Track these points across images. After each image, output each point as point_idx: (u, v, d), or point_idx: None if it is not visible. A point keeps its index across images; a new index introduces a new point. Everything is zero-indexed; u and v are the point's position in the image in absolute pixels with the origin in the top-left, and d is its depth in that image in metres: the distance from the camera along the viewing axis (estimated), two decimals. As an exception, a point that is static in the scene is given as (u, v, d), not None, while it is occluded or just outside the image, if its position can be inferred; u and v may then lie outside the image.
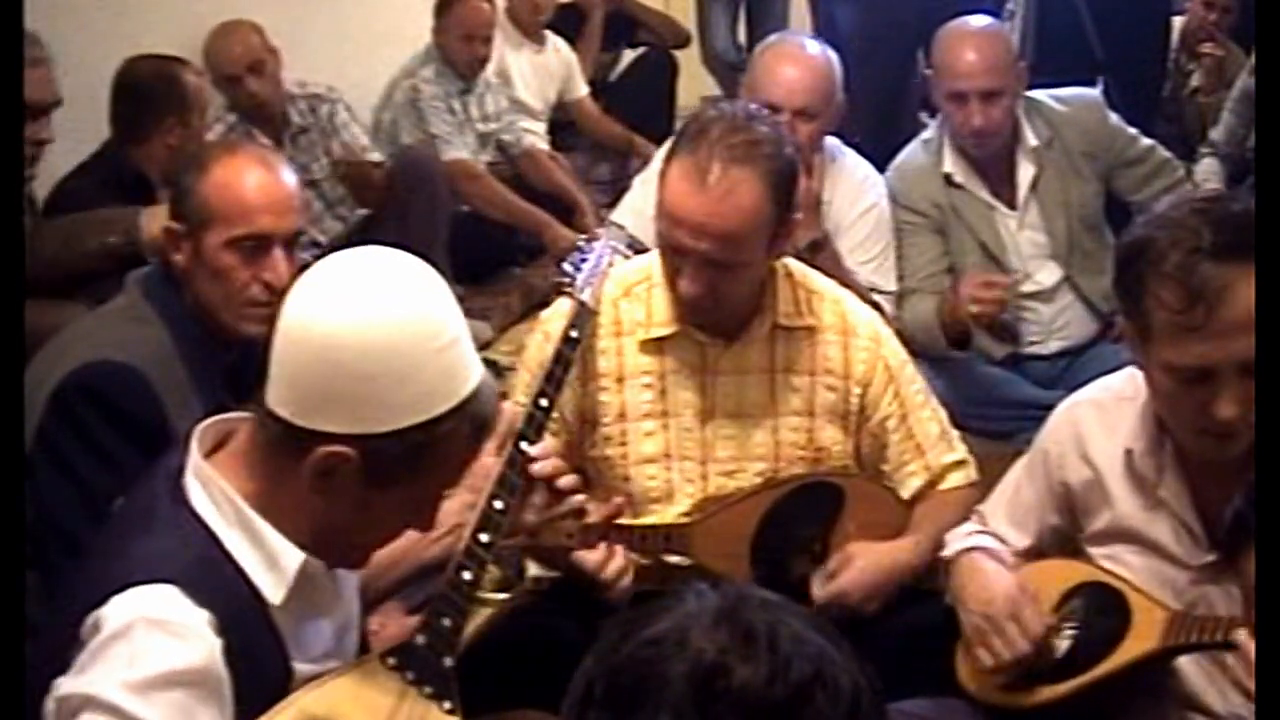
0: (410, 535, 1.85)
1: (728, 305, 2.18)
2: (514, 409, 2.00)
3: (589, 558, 2.10)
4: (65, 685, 1.39)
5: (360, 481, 1.48)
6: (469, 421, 1.50)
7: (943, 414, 2.36)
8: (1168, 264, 1.73)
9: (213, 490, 1.50)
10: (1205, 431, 1.79)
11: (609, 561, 2.10)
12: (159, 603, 1.41)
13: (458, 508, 1.89)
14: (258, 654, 1.48)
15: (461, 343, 1.52)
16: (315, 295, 1.47)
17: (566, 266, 2.25)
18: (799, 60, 3.07)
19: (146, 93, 3.45)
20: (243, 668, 1.44)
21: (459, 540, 1.82)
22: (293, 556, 1.51)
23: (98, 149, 3.52)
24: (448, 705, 1.64)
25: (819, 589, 2.17)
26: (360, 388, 1.45)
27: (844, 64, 3.15)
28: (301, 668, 1.55)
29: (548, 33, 5.37)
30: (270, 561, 1.50)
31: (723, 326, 2.22)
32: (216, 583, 1.46)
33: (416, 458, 1.48)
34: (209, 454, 1.54)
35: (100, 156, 3.48)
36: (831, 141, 3.21)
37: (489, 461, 1.90)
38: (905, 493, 2.29)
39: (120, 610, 1.40)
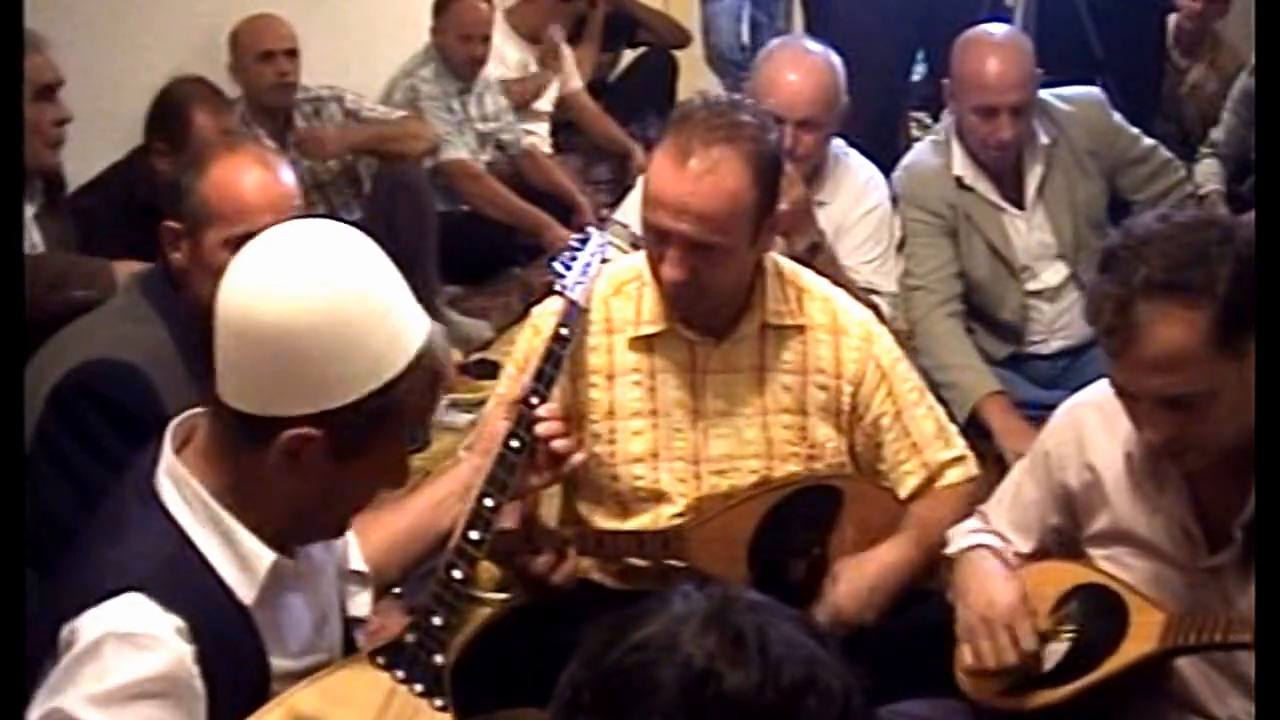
0: (418, 510, 1.87)
1: (711, 295, 2.17)
2: (519, 379, 1.99)
3: (538, 563, 2.11)
4: (39, 702, 1.39)
5: (329, 456, 1.48)
6: (425, 375, 1.50)
7: (939, 411, 2.35)
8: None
9: (184, 490, 1.50)
10: (1149, 444, 1.82)
11: (559, 567, 2.10)
12: (128, 615, 1.41)
13: (467, 472, 1.90)
14: (234, 654, 1.48)
15: (402, 302, 1.51)
16: (248, 282, 1.47)
17: (557, 265, 2.25)
18: (803, 69, 3.07)
19: (154, 108, 3.45)
20: (219, 669, 1.44)
21: (469, 502, 1.84)
22: (264, 557, 1.51)
23: (112, 164, 3.51)
24: (439, 702, 1.64)
25: (823, 618, 2.15)
26: (311, 368, 1.44)
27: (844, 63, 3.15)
28: (280, 664, 1.55)
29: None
30: (241, 562, 1.50)
31: (712, 324, 2.22)
32: (188, 585, 1.46)
33: (380, 422, 1.48)
34: (178, 450, 1.53)
35: (116, 172, 3.46)
36: (835, 142, 3.20)
37: (500, 426, 1.91)
38: (903, 491, 2.29)
39: (91, 625, 1.40)
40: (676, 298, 2.17)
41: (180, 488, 1.50)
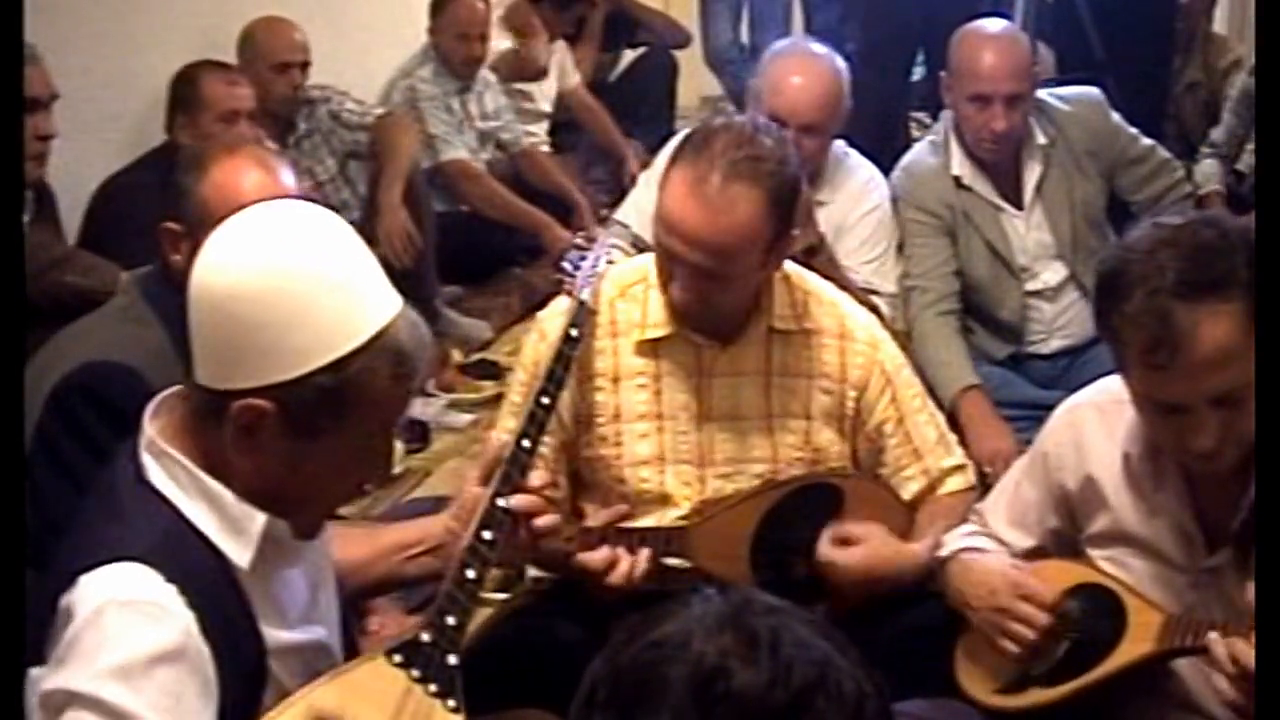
0: (385, 547, 1.86)
1: (720, 311, 2.19)
2: (499, 440, 1.98)
3: (592, 560, 2.09)
4: (46, 680, 1.39)
5: (284, 434, 1.47)
6: (385, 359, 1.48)
7: (940, 418, 2.36)
8: (1131, 305, 1.71)
9: (167, 463, 1.50)
10: (1187, 454, 1.80)
11: (616, 565, 2.09)
12: (126, 583, 1.41)
13: (439, 530, 1.90)
14: (230, 623, 1.48)
15: (359, 280, 1.49)
16: (208, 257, 1.48)
17: (566, 265, 2.25)
18: (808, 74, 3.07)
19: (171, 91, 3.51)
20: (218, 638, 1.44)
21: (441, 559, 1.83)
22: (255, 518, 1.50)
23: (155, 147, 3.53)
24: (452, 703, 1.64)
25: (825, 545, 2.15)
26: (255, 338, 1.44)
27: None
28: (278, 635, 1.55)
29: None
30: (234, 526, 1.50)
31: (718, 329, 2.22)
32: (183, 555, 1.45)
33: (335, 402, 1.46)
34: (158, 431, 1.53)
35: (158, 154, 3.48)
36: (835, 143, 3.21)
37: (476, 491, 1.90)
38: (904, 497, 2.29)
39: (88, 595, 1.40)
40: (684, 313, 2.18)
41: (163, 462, 1.50)
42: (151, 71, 3.68)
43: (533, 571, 2.41)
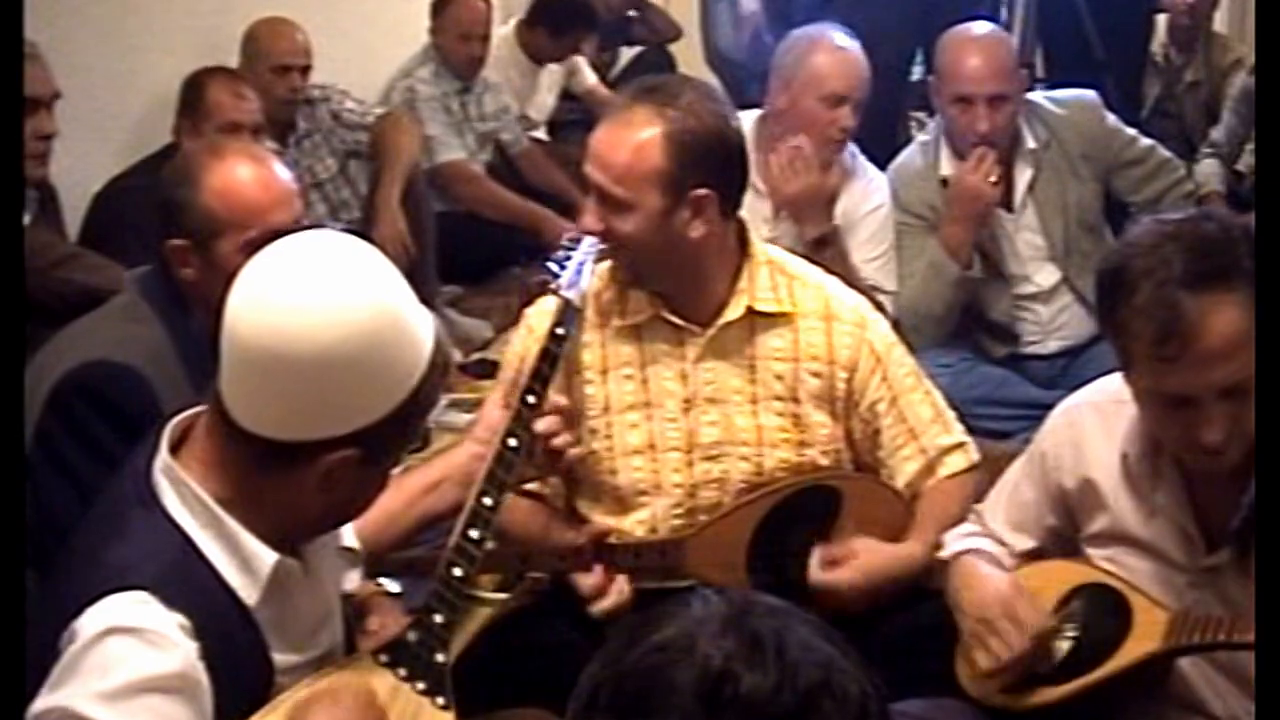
0: (414, 492, 1.91)
1: (632, 261, 2.18)
2: (516, 379, 2.01)
3: (584, 582, 2.12)
4: (42, 701, 1.39)
5: (361, 466, 1.51)
6: (438, 369, 1.55)
7: (938, 396, 2.33)
8: (1139, 297, 1.71)
9: (183, 491, 1.50)
10: (1193, 449, 1.79)
11: (606, 592, 2.11)
12: (130, 611, 1.41)
13: (464, 460, 1.94)
14: (237, 653, 1.48)
15: (412, 304, 1.54)
16: (270, 311, 1.46)
17: (551, 264, 2.25)
18: (842, 48, 3.16)
19: (180, 94, 3.51)
20: (223, 668, 1.45)
21: (462, 490, 1.87)
22: (266, 558, 1.51)
23: (156, 151, 3.53)
24: (441, 701, 1.64)
25: (815, 571, 2.15)
26: (350, 392, 1.46)
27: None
28: (285, 658, 1.55)
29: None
30: (244, 564, 1.51)
31: (696, 311, 2.22)
32: (191, 585, 1.46)
33: (406, 424, 1.53)
34: (173, 451, 1.53)
35: (158, 159, 3.49)
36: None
37: (496, 414, 1.95)
38: (901, 479, 2.27)
39: (92, 621, 1.40)
40: (616, 263, 2.21)
41: (179, 489, 1.50)
42: (152, 71, 3.69)
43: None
